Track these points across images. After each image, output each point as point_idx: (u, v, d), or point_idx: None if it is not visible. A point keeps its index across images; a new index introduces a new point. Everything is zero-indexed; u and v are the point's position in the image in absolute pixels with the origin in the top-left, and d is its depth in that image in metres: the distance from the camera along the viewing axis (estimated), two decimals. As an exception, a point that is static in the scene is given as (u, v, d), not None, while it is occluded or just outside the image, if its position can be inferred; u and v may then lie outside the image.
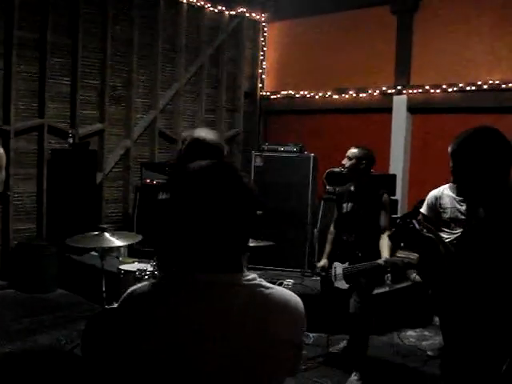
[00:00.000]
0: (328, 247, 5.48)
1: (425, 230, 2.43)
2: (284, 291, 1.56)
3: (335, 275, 5.20)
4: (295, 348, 1.53)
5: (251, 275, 1.54)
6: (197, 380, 1.45)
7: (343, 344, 5.68)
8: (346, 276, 5.11)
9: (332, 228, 5.54)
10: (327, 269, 5.32)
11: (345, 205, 5.25)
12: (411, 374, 5.36)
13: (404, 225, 2.43)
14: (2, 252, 7.65)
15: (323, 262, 5.39)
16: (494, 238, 2.19)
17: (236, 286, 1.49)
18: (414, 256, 4.43)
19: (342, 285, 5.13)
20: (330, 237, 5.52)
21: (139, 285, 1.58)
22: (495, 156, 2.27)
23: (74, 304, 6.97)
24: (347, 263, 5.12)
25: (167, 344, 1.45)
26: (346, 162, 5.14)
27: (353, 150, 5.11)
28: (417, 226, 2.41)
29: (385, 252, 4.89)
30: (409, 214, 2.49)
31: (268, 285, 1.53)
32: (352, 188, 5.24)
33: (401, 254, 5.15)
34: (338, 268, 5.19)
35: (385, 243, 4.91)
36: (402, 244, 2.49)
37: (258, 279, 1.54)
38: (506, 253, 2.14)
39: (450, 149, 2.37)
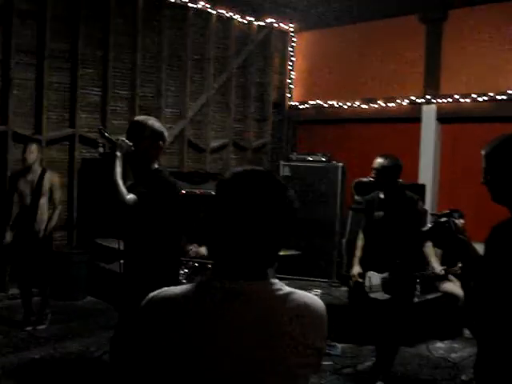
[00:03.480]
0: (358, 253, 5.32)
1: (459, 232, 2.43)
2: (306, 294, 1.56)
3: (370, 286, 5.05)
4: (316, 352, 1.52)
5: (274, 281, 1.54)
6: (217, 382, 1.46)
7: (371, 362, 5.52)
8: (385, 285, 4.95)
9: (361, 234, 5.40)
10: (361, 276, 5.14)
11: (376, 213, 5.11)
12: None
13: (439, 224, 2.43)
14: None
15: (357, 268, 5.19)
16: None
17: (259, 292, 1.49)
18: None
19: (381, 296, 4.98)
20: (359, 243, 5.35)
21: (163, 289, 1.58)
22: None
23: (102, 311, 7.04)
24: (387, 273, 4.97)
25: (188, 349, 1.46)
26: (374, 173, 5.03)
27: (379, 161, 4.99)
28: (453, 226, 2.41)
29: (433, 260, 4.82)
30: (445, 214, 2.48)
31: (289, 289, 1.54)
32: (382, 195, 5.15)
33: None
34: (374, 278, 5.03)
35: (430, 251, 4.83)
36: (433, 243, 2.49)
37: (280, 284, 1.54)
38: None
39: (483, 151, 2.42)
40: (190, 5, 9.00)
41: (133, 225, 3.66)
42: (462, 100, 8.30)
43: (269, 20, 9.98)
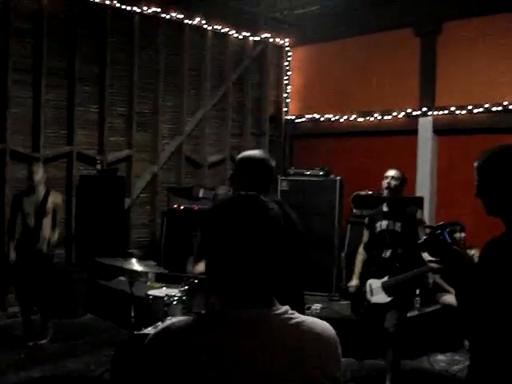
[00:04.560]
0: (358, 268, 5.46)
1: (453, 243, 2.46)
2: (316, 321, 1.54)
3: (371, 291, 5.17)
4: (334, 381, 1.49)
5: (283, 308, 1.52)
6: None
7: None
8: (387, 287, 5.08)
9: (361, 249, 5.52)
10: (360, 288, 5.29)
11: (378, 224, 5.26)
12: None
13: (434, 236, 2.45)
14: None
15: (355, 281, 5.36)
16: None
17: (268, 320, 1.47)
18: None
19: (383, 299, 5.09)
20: (359, 257, 5.51)
21: (177, 319, 1.57)
22: None
23: (102, 329, 7.01)
24: (386, 277, 5.11)
25: (198, 380, 1.42)
26: (390, 182, 5.17)
27: (395, 172, 5.20)
28: (447, 238, 2.43)
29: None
30: (440, 226, 2.50)
31: (300, 316, 1.52)
32: (385, 208, 5.27)
33: None
34: (375, 283, 5.16)
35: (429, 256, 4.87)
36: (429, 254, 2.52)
37: (290, 311, 1.52)
38: None
39: (475, 163, 2.41)
40: (185, 21, 9.05)
41: None
42: (457, 112, 8.33)
43: (264, 35, 10.04)
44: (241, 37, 9.82)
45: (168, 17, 8.85)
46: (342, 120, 9.71)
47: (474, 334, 2.38)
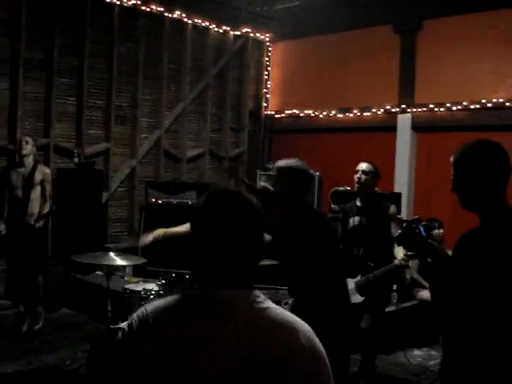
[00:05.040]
0: None
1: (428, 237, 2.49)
2: (285, 313, 1.58)
3: None
4: (304, 370, 1.48)
5: (261, 296, 1.58)
6: None
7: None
8: (360, 288, 5.05)
9: None
10: None
11: (351, 219, 5.21)
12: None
13: (410, 229, 2.47)
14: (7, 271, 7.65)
15: None
16: (489, 249, 2.24)
17: (241, 304, 1.52)
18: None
19: (356, 299, 5.04)
20: None
21: (153, 302, 1.61)
22: (495, 168, 2.35)
23: (79, 323, 6.95)
24: (359, 276, 5.07)
25: (172, 362, 1.46)
26: (360, 176, 5.10)
27: (366, 165, 5.10)
28: (423, 231, 2.45)
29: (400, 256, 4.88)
30: (415, 220, 2.52)
31: (271, 304, 1.57)
32: (358, 203, 5.23)
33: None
34: (349, 283, 5.12)
35: (400, 252, 4.90)
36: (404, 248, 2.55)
37: (263, 297, 1.58)
38: (499, 263, 2.20)
39: (452, 158, 2.44)
40: (166, 14, 8.99)
41: None
42: (436, 109, 8.39)
43: (245, 30, 10.01)
44: (221, 31, 9.79)
45: (148, 9, 8.78)
46: (321, 116, 9.73)
47: (447, 328, 2.41)
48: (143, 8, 8.73)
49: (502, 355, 2.20)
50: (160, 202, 8.03)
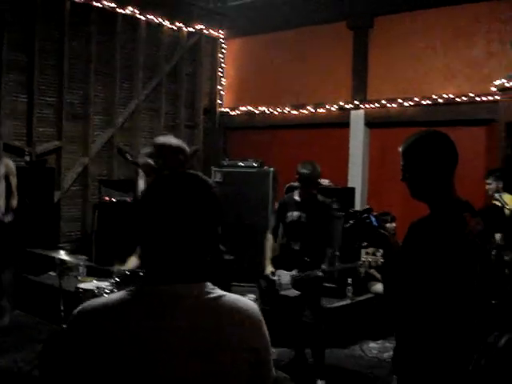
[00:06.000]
0: (268, 254, 5.44)
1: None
2: (240, 298, 1.56)
3: (280, 284, 5.16)
4: (255, 352, 1.50)
5: (209, 285, 1.53)
6: None
7: (290, 358, 5.60)
8: (295, 283, 5.08)
9: (268, 234, 5.51)
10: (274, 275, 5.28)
11: (289, 214, 5.26)
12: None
13: (360, 219, 2.49)
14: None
15: (270, 268, 5.32)
16: (436, 237, 2.28)
17: (192, 295, 1.48)
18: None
19: (292, 293, 5.11)
20: (267, 243, 5.48)
21: (93, 300, 1.54)
22: (442, 157, 2.40)
23: (31, 325, 6.80)
24: (295, 270, 5.11)
25: (119, 359, 1.42)
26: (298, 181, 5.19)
27: (305, 171, 5.09)
28: (374, 221, 2.47)
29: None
30: (366, 210, 2.55)
31: (224, 292, 1.54)
32: (297, 198, 5.27)
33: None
34: (284, 276, 5.15)
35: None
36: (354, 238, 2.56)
37: (212, 287, 1.54)
38: (445, 251, 2.24)
39: (400, 148, 2.48)
40: (118, 10, 8.87)
41: None
42: (388, 105, 8.50)
43: (199, 26, 9.96)
44: (175, 28, 9.72)
45: (100, 5, 8.65)
46: (276, 112, 9.76)
47: (398, 317, 2.44)
48: (95, 4, 8.59)
49: (450, 341, 2.24)
50: (114, 200, 7.93)
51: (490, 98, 7.63)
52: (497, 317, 2.41)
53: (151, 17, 9.33)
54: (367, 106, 8.74)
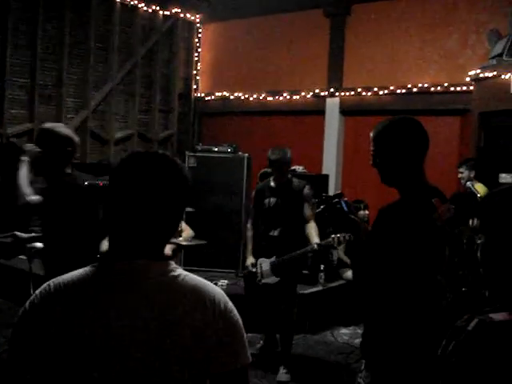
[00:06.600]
0: (250, 245, 5.44)
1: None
2: (200, 278, 1.55)
3: (261, 272, 5.17)
4: (216, 334, 1.47)
5: (172, 264, 1.53)
6: (118, 371, 1.41)
7: (260, 344, 5.63)
8: (274, 269, 5.10)
9: (249, 225, 5.50)
10: (255, 265, 5.28)
11: (266, 201, 5.25)
12: (344, 371, 5.42)
13: (331, 205, 2.49)
14: None
15: (251, 259, 5.31)
16: (404, 221, 2.29)
17: (154, 273, 1.48)
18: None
19: (272, 280, 5.12)
20: (249, 234, 5.47)
21: (59, 277, 1.51)
22: (413, 143, 2.42)
23: (4, 310, 6.74)
24: (274, 257, 5.12)
25: (78, 335, 1.40)
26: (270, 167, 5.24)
27: (273, 157, 5.14)
28: (344, 206, 2.48)
29: (314, 238, 4.95)
30: (336, 195, 2.55)
31: (185, 272, 1.53)
32: (272, 184, 5.27)
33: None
34: (265, 264, 5.17)
35: (312, 231, 4.99)
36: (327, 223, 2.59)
37: (175, 266, 1.53)
38: (413, 236, 2.25)
39: (372, 134, 2.49)
40: (92, -9, 8.76)
41: (48, 225, 3.73)
42: (364, 93, 8.52)
43: (174, 10, 9.87)
44: (150, 10, 9.61)
45: (74, -14, 8.53)
46: (251, 99, 9.72)
47: (366, 301, 2.46)
48: (69, -16, 8.46)
49: (418, 326, 2.26)
50: (86, 183, 7.84)
51: (465, 88, 7.69)
52: (466, 304, 2.44)
53: (126, -1, 9.22)
54: (343, 93, 8.75)
